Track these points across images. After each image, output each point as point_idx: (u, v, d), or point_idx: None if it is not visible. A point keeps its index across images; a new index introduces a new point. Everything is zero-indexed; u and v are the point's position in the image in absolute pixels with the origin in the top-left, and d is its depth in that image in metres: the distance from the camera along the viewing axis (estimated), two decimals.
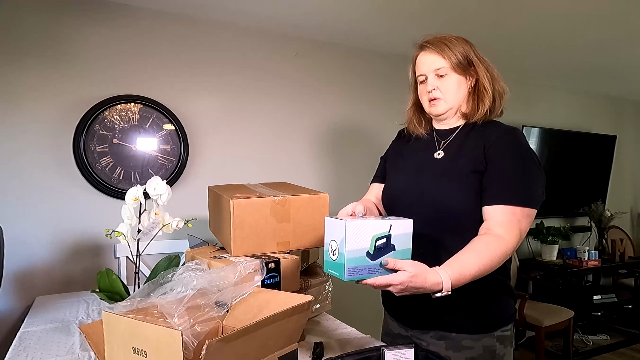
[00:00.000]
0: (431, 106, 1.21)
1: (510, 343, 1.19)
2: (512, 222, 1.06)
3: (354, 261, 0.95)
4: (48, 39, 2.05)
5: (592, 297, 3.67)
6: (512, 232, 1.05)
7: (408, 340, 1.25)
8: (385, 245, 0.98)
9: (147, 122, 2.24)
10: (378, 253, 0.97)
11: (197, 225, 1.64)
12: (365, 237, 0.95)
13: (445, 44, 1.17)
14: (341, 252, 0.95)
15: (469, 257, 1.02)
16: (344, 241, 0.94)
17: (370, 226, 0.96)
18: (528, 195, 1.09)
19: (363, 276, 0.95)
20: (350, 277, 0.94)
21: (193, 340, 0.90)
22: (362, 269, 0.95)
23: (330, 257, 0.99)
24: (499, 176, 1.10)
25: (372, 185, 1.41)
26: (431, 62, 1.18)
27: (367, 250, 0.96)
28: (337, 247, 0.97)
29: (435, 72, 1.18)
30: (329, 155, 2.84)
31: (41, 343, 1.33)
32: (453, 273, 0.98)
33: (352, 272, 0.94)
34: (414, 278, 0.94)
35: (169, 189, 1.48)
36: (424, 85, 1.22)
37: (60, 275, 2.08)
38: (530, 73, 3.53)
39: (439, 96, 1.19)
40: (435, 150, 1.23)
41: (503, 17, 2.39)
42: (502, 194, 1.08)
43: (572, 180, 4.05)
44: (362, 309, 2.47)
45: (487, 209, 1.10)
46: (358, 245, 0.95)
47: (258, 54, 2.56)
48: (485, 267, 1.02)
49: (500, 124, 1.19)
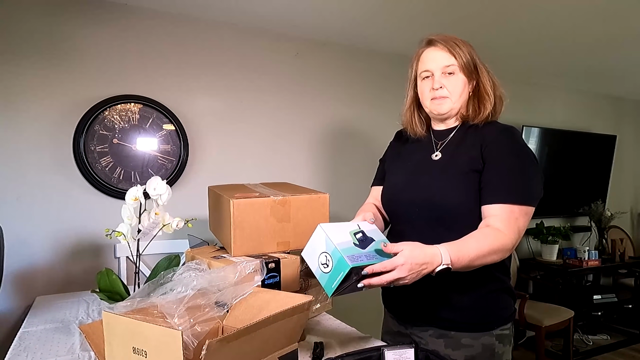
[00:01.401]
0: (435, 104, 1.19)
1: (509, 342, 1.19)
2: (510, 219, 1.06)
3: (349, 250, 0.96)
4: (48, 39, 2.05)
5: (592, 297, 3.67)
6: (510, 229, 1.06)
7: (408, 339, 1.25)
8: (364, 238, 1.03)
9: (147, 122, 2.24)
10: (363, 243, 1.01)
11: (197, 225, 1.64)
12: (344, 233, 1.01)
13: (455, 43, 1.16)
14: (333, 250, 0.97)
15: (467, 240, 1.03)
16: (329, 240, 0.98)
17: (342, 226, 1.04)
18: (525, 193, 1.09)
19: (364, 262, 0.95)
20: (354, 263, 0.93)
21: (193, 340, 0.90)
22: (360, 256, 0.96)
23: (324, 271, 0.98)
24: (497, 175, 1.10)
25: (373, 188, 1.41)
26: (441, 58, 1.16)
27: (352, 242, 1.00)
28: (327, 253, 0.98)
29: (444, 69, 1.16)
30: (329, 155, 2.84)
31: (41, 343, 1.33)
32: (451, 248, 0.99)
33: (353, 258, 0.95)
34: (413, 252, 0.95)
35: (169, 189, 1.48)
36: (427, 82, 1.20)
37: (60, 275, 2.08)
38: (530, 73, 3.53)
39: (445, 94, 1.17)
40: (432, 152, 1.23)
41: (503, 17, 2.38)
42: (500, 193, 1.09)
43: (572, 180, 4.05)
44: (362, 309, 2.47)
45: (485, 208, 1.11)
46: (343, 239, 0.99)
47: (258, 54, 2.56)
48: (483, 253, 1.02)
49: (496, 123, 1.19)
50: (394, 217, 1.29)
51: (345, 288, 0.97)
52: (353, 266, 0.93)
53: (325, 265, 0.98)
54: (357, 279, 0.96)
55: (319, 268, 1.00)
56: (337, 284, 0.95)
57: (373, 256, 0.98)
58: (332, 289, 0.96)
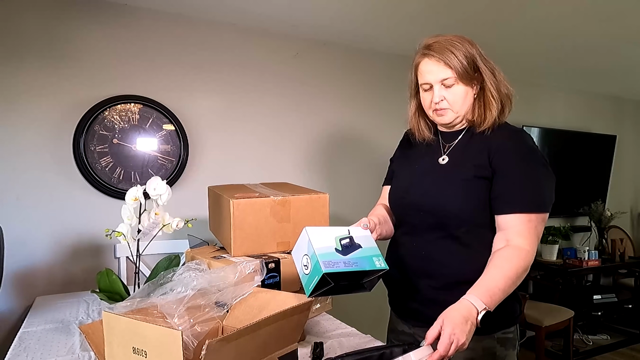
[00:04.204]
0: (437, 116, 1.17)
1: (513, 346, 1.17)
2: (530, 229, 1.06)
3: (326, 256, 0.98)
4: (48, 39, 2.05)
5: (592, 297, 3.67)
6: (531, 240, 1.05)
7: (411, 338, 1.25)
8: (350, 244, 1.04)
9: (147, 122, 2.24)
10: (346, 250, 1.01)
11: (197, 225, 1.64)
12: (328, 238, 1.02)
13: (450, 50, 1.10)
14: (312, 254, 0.98)
15: (492, 274, 1.02)
16: (310, 244, 0.99)
17: (330, 230, 1.05)
18: (541, 200, 1.08)
19: (340, 269, 0.97)
20: (328, 269, 0.95)
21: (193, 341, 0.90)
22: (337, 262, 0.98)
23: (305, 273, 1.01)
24: (511, 183, 1.08)
25: (384, 188, 1.40)
26: (437, 71, 1.12)
27: (334, 248, 1.01)
28: (307, 255, 1.00)
29: (442, 82, 1.13)
30: (329, 154, 2.84)
31: (41, 343, 1.33)
32: (479, 291, 0.98)
33: (328, 264, 0.96)
34: (447, 319, 0.93)
35: (169, 189, 1.48)
36: (428, 94, 1.17)
37: (60, 275, 2.08)
38: (530, 73, 3.53)
39: (446, 106, 1.15)
40: (440, 155, 1.22)
41: (503, 17, 2.38)
42: (516, 202, 1.07)
43: (572, 180, 4.05)
44: (362, 309, 2.47)
45: (502, 218, 1.09)
46: (324, 244, 1.00)
47: (258, 54, 2.56)
48: (512, 279, 1.01)
49: (504, 126, 1.16)
50: (399, 221, 1.29)
51: (323, 290, 1.00)
52: (326, 272, 0.94)
53: (305, 267, 1.01)
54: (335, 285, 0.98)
55: (302, 269, 1.03)
56: (313, 285, 0.97)
57: (353, 263, 0.99)
58: (309, 290, 0.99)
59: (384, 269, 1.04)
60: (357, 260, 1.01)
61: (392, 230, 1.31)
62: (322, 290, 1.00)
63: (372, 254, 1.05)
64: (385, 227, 1.27)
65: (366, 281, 1.07)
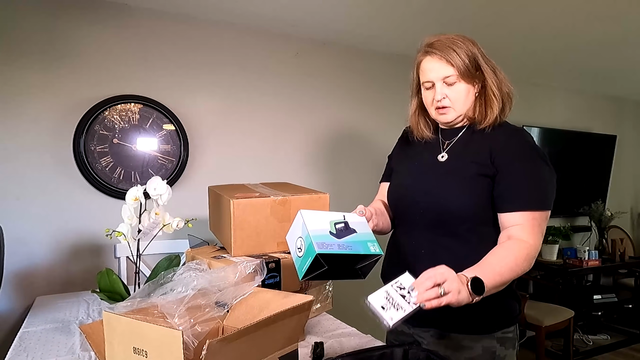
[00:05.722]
0: (439, 114, 1.18)
1: (513, 345, 1.18)
2: (534, 226, 1.06)
3: (320, 237, 0.98)
4: (48, 39, 2.05)
5: (592, 296, 3.68)
6: (534, 236, 1.06)
7: (411, 338, 1.25)
8: (345, 228, 1.04)
9: (147, 122, 2.24)
10: (340, 233, 1.02)
11: (197, 225, 1.64)
12: (323, 221, 1.03)
13: (452, 48, 1.12)
14: (306, 235, 0.99)
15: (487, 259, 1.02)
16: (304, 226, 1.00)
17: (325, 214, 1.06)
18: (544, 198, 1.09)
19: (334, 250, 0.97)
20: (321, 250, 0.95)
21: (193, 340, 0.90)
22: (331, 244, 0.98)
23: (298, 255, 1.01)
24: (513, 182, 1.09)
25: (381, 184, 1.40)
26: (439, 69, 1.13)
27: (329, 231, 1.01)
28: (302, 237, 1.00)
29: (444, 80, 1.13)
30: (329, 154, 2.84)
31: (41, 343, 1.33)
32: (472, 270, 0.97)
33: (322, 245, 0.96)
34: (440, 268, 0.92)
35: (169, 189, 1.48)
36: (430, 92, 1.18)
37: (60, 275, 2.08)
38: (530, 73, 3.53)
39: (448, 104, 1.15)
40: (439, 152, 1.22)
41: (503, 17, 2.38)
42: (519, 200, 1.08)
43: (572, 180, 4.05)
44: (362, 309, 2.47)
45: (505, 216, 1.09)
46: (319, 226, 1.01)
47: (258, 54, 2.56)
48: (510, 265, 1.01)
49: (505, 125, 1.17)
50: (398, 218, 1.29)
51: (316, 274, 1.00)
52: (319, 252, 0.94)
53: (299, 250, 1.01)
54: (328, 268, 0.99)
55: (295, 252, 1.03)
56: (306, 267, 0.97)
57: (347, 246, 0.99)
58: (302, 272, 0.99)
59: (379, 254, 1.04)
60: (352, 244, 1.01)
61: (389, 224, 1.31)
62: (315, 273, 1.00)
63: (367, 239, 1.05)
64: (382, 219, 1.26)
65: (360, 266, 1.06)
